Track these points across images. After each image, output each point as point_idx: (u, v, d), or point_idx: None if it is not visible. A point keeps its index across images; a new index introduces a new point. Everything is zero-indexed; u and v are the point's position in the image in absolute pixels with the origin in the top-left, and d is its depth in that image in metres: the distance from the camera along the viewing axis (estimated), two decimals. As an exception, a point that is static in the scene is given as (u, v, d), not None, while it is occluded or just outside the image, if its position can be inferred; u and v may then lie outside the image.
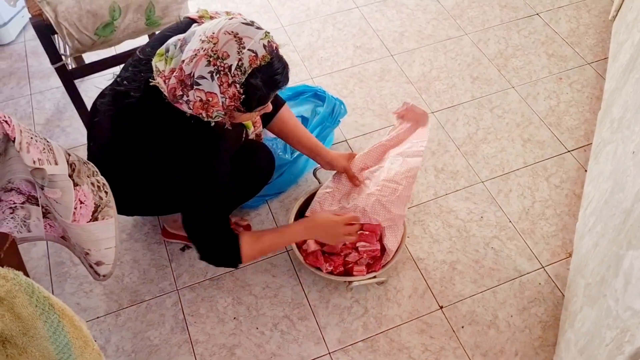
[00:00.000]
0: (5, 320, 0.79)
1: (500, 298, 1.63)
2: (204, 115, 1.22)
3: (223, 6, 2.50)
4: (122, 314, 1.62)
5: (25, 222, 1.25)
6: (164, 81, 1.23)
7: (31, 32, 2.36)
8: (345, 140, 2.02)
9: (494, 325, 1.58)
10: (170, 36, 1.31)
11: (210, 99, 1.19)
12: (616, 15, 2.32)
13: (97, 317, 1.61)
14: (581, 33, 2.36)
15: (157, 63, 1.24)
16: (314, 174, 1.78)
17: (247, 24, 1.19)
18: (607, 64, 2.21)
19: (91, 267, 1.27)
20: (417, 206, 1.84)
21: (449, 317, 1.60)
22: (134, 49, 1.84)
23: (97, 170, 1.22)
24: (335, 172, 1.70)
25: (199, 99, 1.19)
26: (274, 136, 1.84)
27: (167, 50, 1.24)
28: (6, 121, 0.97)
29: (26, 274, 0.84)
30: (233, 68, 1.16)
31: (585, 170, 1.90)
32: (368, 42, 2.35)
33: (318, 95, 1.98)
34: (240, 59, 1.16)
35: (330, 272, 1.57)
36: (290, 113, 1.66)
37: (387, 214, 1.57)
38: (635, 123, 1.49)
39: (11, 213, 1.22)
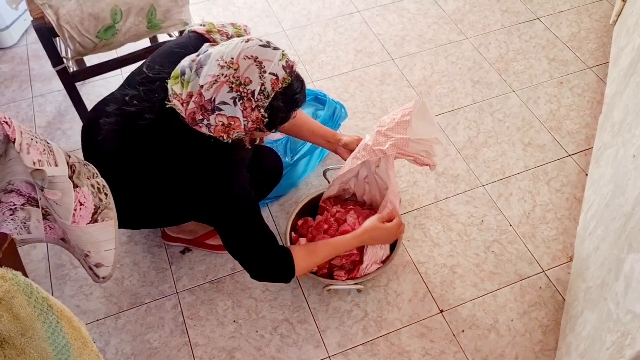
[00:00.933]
0: (3, 321, 0.79)
1: (501, 302, 1.63)
2: (224, 137, 1.21)
3: (224, 9, 2.51)
4: (121, 317, 1.62)
5: (25, 223, 1.24)
6: (182, 104, 1.21)
7: (33, 36, 2.37)
8: (346, 144, 2.02)
9: (495, 329, 1.58)
10: (179, 53, 1.30)
11: (233, 122, 1.18)
12: (617, 19, 2.33)
13: (97, 320, 1.61)
14: (582, 37, 2.36)
15: (173, 86, 1.22)
16: (324, 174, 1.78)
17: (264, 45, 1.18)
18: (607, 68, 2.21)
19: (91, 269, 1.27)
20: (417, 210, 1.84)
21: (449, 320, 1.60)
22: (135, 52, 1.86)
23: (97, 172, 1.22)
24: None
25: (220, 123, 1.18)
26: (273, 139, 1.85)
27: (183, 74, 1.21)
28: (6, 122, 0.97)
29: (25, 275, 0.84)
30: (256, 93, 1.16)
31: (586, 174, 1.90)
32: (369, 46, 2.36)
33: (319, 99, 1.98)
34: (262, 84, 1.16)
35: (315, 273, 1.58)
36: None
37: (388, 140, 1.51)
38: (635, 126, 1.49)
39: (11, 215, 1.22)
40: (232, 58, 1.16)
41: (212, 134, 1.21)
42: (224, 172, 1.29)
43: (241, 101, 1.16)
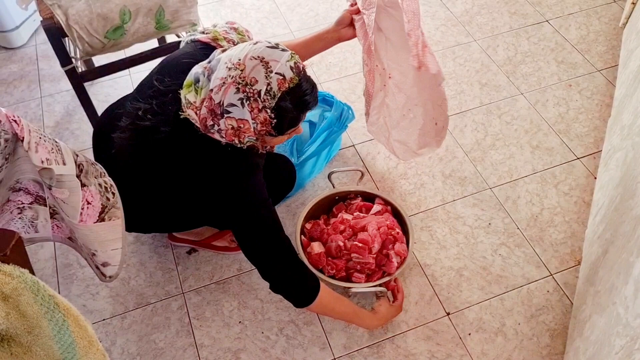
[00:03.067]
0: (10, 319, 0.79)
1: (508, 305, 1.62)
2: (237, 142, 1.21)
3: (232, 10, 2.52)
4: (127, 317, 1.62)
5: (32, 222, 1.25)
6: (195, 112, 1.21)
7: (42, 36, 2.39)
8: (353, 145, 2.02)
9: (502, 332, 1.57)
10: (188, 63, 1.29)
11: (242, 125, 1.18)
12: (626, 22, 2.31)
13: (103, 320, 1.61)
14: (591, 40, 2.35)
15: (187, 95, 1.21)
16: (329, 178, 1.78)
17: (272, 47, 1.18)
18: (617, 71, 2.20)
19: (97, 268, 1.27)
20: (424, 212, 1.83)
21: (456, 324, 1.59)
22: (144, 53, 1.87)
23: (105, 171, 1.22)
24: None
25: (230, 126, 1.18)
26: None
27: (197, 81, 1.20)
28: (15, 120, 0.97)
29: (32, 272, 0.84)
30: (262, 93, 1.15)
31: (595, 178, 1.89)
32: (376, 48, 2.35)
33: (326, 100, 1.98)
34: (268, 84, 1.15)
35: (332, 276, 1.57)
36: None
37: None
38: (645, 130, 1.48)
39: (19, 213, 1.22)
40: (240, 59, 1.16)
41: (225, 140, 1.21)
42: (245, 179, 1.28)
43: (248, 102, 1.15)
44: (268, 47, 1.18)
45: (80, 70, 1.88)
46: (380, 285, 1.55)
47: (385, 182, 1.90)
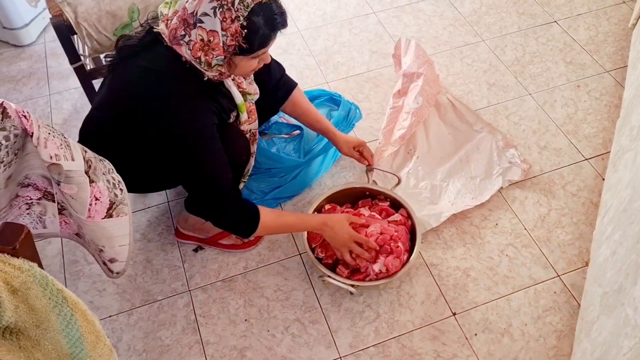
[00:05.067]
0: (19, 312, 0.80)
1: (515, 306, 1.61)
2: (203, 59, 1.24)
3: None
4: (134, 313, 1.62)
5: (41, 218, 1.26)
6: (166, 25, 1.27)
7: (51, 34, 2.40)
8: (360, 145, 2.01)
9: (508, 333, 1.56)
10: None
11: (212, 38, 1.21)
12: (636, 23, 2.30)
13: (110, 316, 1.62)
14: (600, 41, 2.34)
15: (162, 9, 1.29)
16: (367, 172, 1.82)
17: None
18: (626, 72, 2.19)
19: (105, 264, 1.27)
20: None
21: (462, 324, 1.58)
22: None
23: (113, 167, 1.23)
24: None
25: (200, 38, 1.22)
26: (287, 136, 1.85)
27: None
28: (24, 116, 0.98)
29: (41, 266, 0.84)
30: (236, 3, 1.19)
31: (603, 179, 1.88)
32: (384, 47, 2.35)
33: (334, 100, 1.98)
34: None
35: (320, 259, 1.59)
36: (303, 95, 1.71)
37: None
38: (655, 130, 1.47)
39: (27, 209, 1.23)
40: None
41: (190, 53, 1.24)
42: (189, 99, 1.30)
43: (221, 10, 1.19)
44: None
45: (88, 67, 1.88)
46: (353, 285, 1.55)
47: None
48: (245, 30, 1.21)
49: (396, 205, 1.72)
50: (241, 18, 1.20)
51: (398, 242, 1.59)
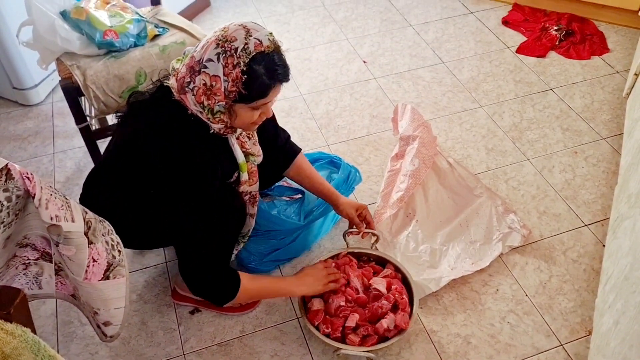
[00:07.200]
0: (8, 379, 0.78)
1: (518, 376, 1.57)
2: (205, 104, 1.27)
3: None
4: (126, 378, 1.58)
5: (37, 278, 1.25)
6: (176, 78, 1.32)
7: (59, 94, 2.46)
8: (360, 207, 2.02)
9: (511, 405, 1.51)
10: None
11: (214, 83, 1.25)
12: (630, 92, 2.36)
13: (101, 380, 1.57)
14: (595, 109, 2.39)
15: (174, 64, 1.35)
16: (344, 237, 1.80)
17: (256, 24, 1.29)
18: (622, 139, 2.22)
19: (99, 327, 1.25)
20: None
21: (464, 394, 1.54)
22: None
23: (112, 229, 1.23)
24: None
25: (203, 83, 1.26)
26: (288, 199, 1.86)
27: (184, 53, 1.35)
28: (28, 177, 0.99)
29: (34, 331, 0.83)
30: (239, 50, 1.24)
31: (603, 245, 1.87)
32: (384, 112, 2.40)
33: (334, 162, 2.00)
34: (246, 43, 1.25)
35: (327, 335, 1.54)
36: (306, 160, 1.75)
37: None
38: (653, 199, 1.48)
39: (24, 269, 1.22)
40: (225, 25, 1.28)
41: (194, 101, 1.28)
42: (190, 152, 1.33)
43: (224, 55, 1.23)
44: (253, 22, 1.29)
45: (94, 128, 1.92)
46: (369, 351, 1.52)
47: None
48: (245, 76, 1.25)
49: (381, 262, 1.74)
50: (242, 64, 1.24)
51: (403, 295, 1.60)
